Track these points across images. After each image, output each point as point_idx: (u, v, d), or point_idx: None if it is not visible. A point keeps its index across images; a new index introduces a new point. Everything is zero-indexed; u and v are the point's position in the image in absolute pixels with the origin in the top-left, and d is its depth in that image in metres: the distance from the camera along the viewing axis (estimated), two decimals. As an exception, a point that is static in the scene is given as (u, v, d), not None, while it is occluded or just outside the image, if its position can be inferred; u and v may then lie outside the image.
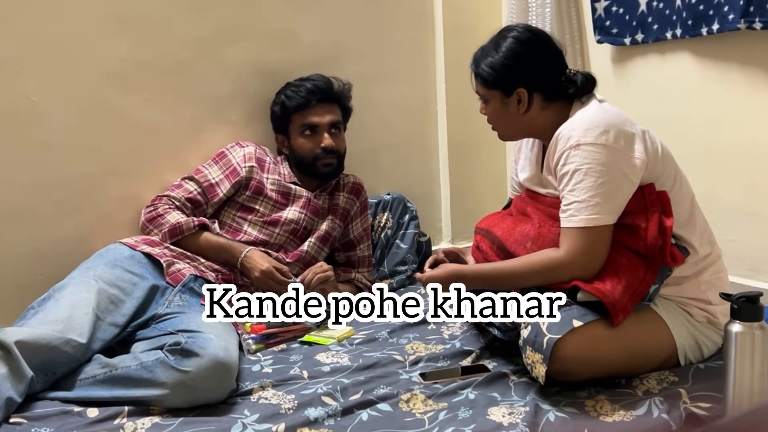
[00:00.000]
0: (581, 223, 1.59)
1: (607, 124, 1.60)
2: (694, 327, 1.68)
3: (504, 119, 1.79)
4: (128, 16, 2.17)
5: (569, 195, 1.61)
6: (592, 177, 1.58)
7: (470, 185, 2.88)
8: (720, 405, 1.45)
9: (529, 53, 1.74)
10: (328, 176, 2.28)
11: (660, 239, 1.58)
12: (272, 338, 1.95)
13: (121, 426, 1.49)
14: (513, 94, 1.74)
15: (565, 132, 1.64)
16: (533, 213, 1.77)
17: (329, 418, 1.51)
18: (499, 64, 1.74)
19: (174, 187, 2.19)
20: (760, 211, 2.09)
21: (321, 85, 2.24)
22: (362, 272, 2.36)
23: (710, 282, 1.69)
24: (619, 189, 1.59)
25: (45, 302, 1.72)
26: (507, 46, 1.73)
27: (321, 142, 2.21)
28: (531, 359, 1.56)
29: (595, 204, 1.58)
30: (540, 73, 1.73)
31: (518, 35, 1.74)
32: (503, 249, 1.76)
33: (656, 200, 1.61)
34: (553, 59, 1.76)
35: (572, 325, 1.53)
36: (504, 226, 1.82)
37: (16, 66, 2.03)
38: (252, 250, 2.07)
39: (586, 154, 1.59)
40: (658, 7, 2.22)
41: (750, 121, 2.07)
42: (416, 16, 2.74)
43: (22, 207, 2.07)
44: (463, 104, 2.82)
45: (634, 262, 1.60)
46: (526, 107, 1.74)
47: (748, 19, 1.94)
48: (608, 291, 1.55)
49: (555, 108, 1.74)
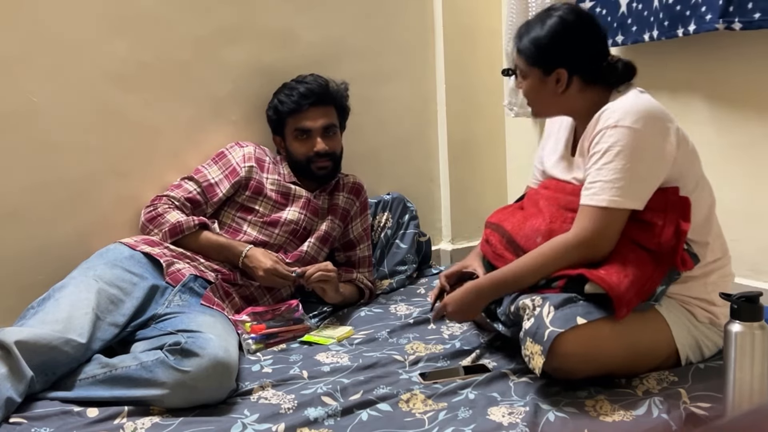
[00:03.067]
0: (603, 203, 1.59)
1: (647, 111, 1.61)
2: (696, 328, 1.68)
3: (540, 97, 1.79)
4: (128, 16, 2.17)
5: (596, 173, 1.61)
6: (622, 159, 1.58)
7: (470, 185, 2.88)
8: (720, 405, 1.45)
9: (574, 35, 1.73)
10: (323, 178, 2.27)
11: (674, 241, 1.59)
12: (272, 338, 1.95)
13: (121, 426, 1.49)
14: (552, 74, 1.73)
15: (607, 113, 1.64)
16: (545, 207, 1.76)
17: (329, 418, 1.51)
18: (542, 42, 1.73)
19: (173, 187, 2.19)
20: (760, 211, 2.09)
21: (314, 88, 2.23)
22: (362, 272, 2.36)
23: (716, 284, 1.69)
24: (647, 176, 1.60)
25: (45, 302, 1.72)
26: (552, 25, 1.72)
27: (314, 146, 2.21)
28: (530, 350, 1.56)
29: (620, 187, 1.58)
30: (582, 55, 1.73)
31: (564, 15, 1.73)
32: (512, 242, 1.76)
33: (678, 203, 1.62)
34: (597, 43, 1.75)
35: (576, 321, 1.53)
36: (514, 220, 1.81)
37: (17, 66, 2.03)
38: (253, 249, 2.07)
39: (620, 135, 1.59)
40: (637, 9, 2.19)
41: (747, 122, 2.07)
42: (416, 16, 2.74)
43: (22, 207, 2.07)
44: (463, 104, 2.82)
45: (643, 258, 1.60)
46: (564, 88, 1.73)
47: (727, 19, 1.91)
48: (614, 283, 1.55)
49: (593, 92, 1.74)
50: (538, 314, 1.57)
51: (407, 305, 2.26)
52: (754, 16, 1.87)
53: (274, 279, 2.03)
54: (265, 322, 1.96)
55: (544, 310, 1.57)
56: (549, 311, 1.56)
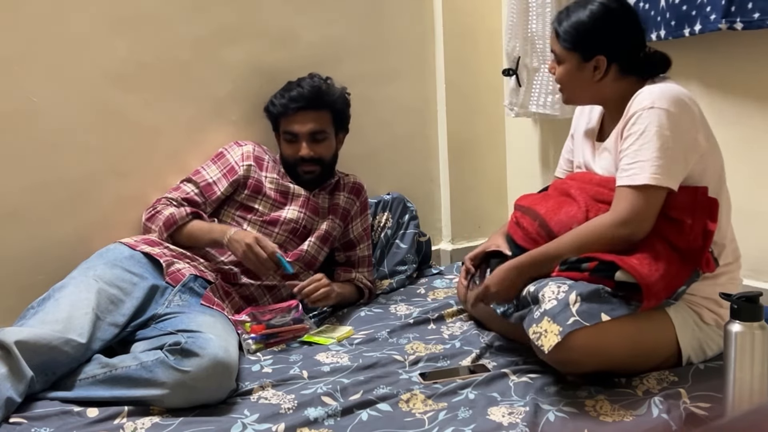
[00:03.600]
0: (644, 181, 1.59)
1: (682, 98, 1.63)
2: (701, 329, 1.67)
3: (575, 83, 1.78)
4: (128, 16, 2.17)
5: (635, 154, 1.61)
6: (660, 139, 1.59)
7: (470, 185, 2.88)
8: (720, 405, 1.45)
9: (617, 22, 1.73)
10: (309, 183, 2.26)
11: (701, 241, 1.59)
12: (272, 338, 1.95)
13: (121, 426, 1.49)
14: (591, 60, 1.73)
15: (642, 96, 1.64)
16: (578, 195, 1.75)
17: (329, 418, 1.51)
18: (585, 27, 1.73)
19: (172, 190, 2.19)
20: (760, 211, 2.09)
21: (305, 92, 2.20)
22: (362, 272, 2.36)
23: (725, 286, 1.68)
24: (682, 159, 1.61)
25: (45, 302, 1.72)
26: (595, 11, 1.72)
27: (299, 151, 2.21)
28: (544, 328, 1.54)
29: (660, 165, 1.58)
30: (623, 43, 1.73)
31: (608, 2, 1.73)
32: (545, 227, 1.74)
33: (705, 203, 1.62)
34: (637, 33, 1.75)
35: (600, 318, 1.53)
36: (548, 205, 1.79)
37: (17, 66, 2.03)
38: (238, 231, 2.02)
39: (656, 117, 1.59)
40: (644, 8, 2.20)
41: (750, 121, 2.07)
42: (416, 16, 2.74)
43: (22, 207, 2.07)
44: (463, 104, 2.82)
45: (671, 255, 1.59)
46: (602, 76, 1.73)
47: (729, 19, 1.92)
48: (646, 274, 1.54)
49: (628, 82, 1.74)
50: (563, 299, 1.56)
51: (407, 305, 2.26)
52: (754, 15, 1.88)
53: (251, 259, 1.96)
54: (265, 322, 1.96)
55: (570, 297, 1.55)
56: (576, 299, 1.55)
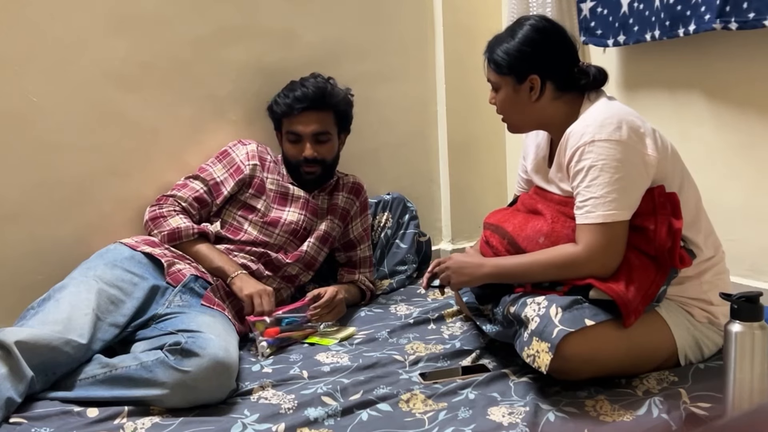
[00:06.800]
0: (599, 219, 1.59)
1: (620, 120, 1.61)
2: (695, 327, 1.68)
3: (514, 107, 1.78)
4: (128, 16, 2.17)
5: (585, 191, 1.61)
6: (608, 173, 1.58)
7: (470, 185, 2.88)
8: (720, 405, 1.45)
9: (545, 41, 1.74)
10: (311, 183, 2.26)
11: (669, 241, 1.59)
12: (285, 342, 1.94)
13: (121, 426, 1.49)
14: (526, 81, 1.73)
15: (578, 129, 1.64)
16: (545, 209, 1.76)
17: (329, 418, 1.51)
18: (514, 50, 1.74)
19: (179, 187, 2.18)
20: (760, 211, 2.09)
21: (309, 93, 2.19)
22: (363, 272, 2.36)
23: (712, 282, 1.69)
24: (635, 185, 1.60)
25: (45, 302, 1.72)
26: (523, 33, 1.74)
27: (303, 152, 2.21)
28: (535, 348, 1.55)
29: (612, 200, 1.58)
30: (554, 61, 1.74)
31: (535, 23, 1.75)
32: (514, 244, 1.75)
33: (666, 202, 1.62)
34: (568, 49, 1.76)
35: (584, 323, 1.54)
36: (515, 221, 1.80)
37: (17, 66, 2.03)
38: (239, 276, 2.01)
39: (601, 150, 1.59)
40: (638, 8, 2.19)
41: (747, 121, 2.07)
42: (416, 16, 2.74)
43: (22, 207, 2.07)
44: (463, 104, 2.82)
45: (645, 263, 1.60)
46: (538, 95, 1.74)
47: (723, 19, 1.91)
48: (622, 291, 1.55)
49: (566, 99, 1.74)
50: (544, 314, 1.57)
51: (407, 305, 2.26)
52: (749, 15, 1.88)
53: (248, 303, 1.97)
54: (285, 315, 1.96)
55: (551, 310, 1.57)
56: (557, 311, 1.56)
